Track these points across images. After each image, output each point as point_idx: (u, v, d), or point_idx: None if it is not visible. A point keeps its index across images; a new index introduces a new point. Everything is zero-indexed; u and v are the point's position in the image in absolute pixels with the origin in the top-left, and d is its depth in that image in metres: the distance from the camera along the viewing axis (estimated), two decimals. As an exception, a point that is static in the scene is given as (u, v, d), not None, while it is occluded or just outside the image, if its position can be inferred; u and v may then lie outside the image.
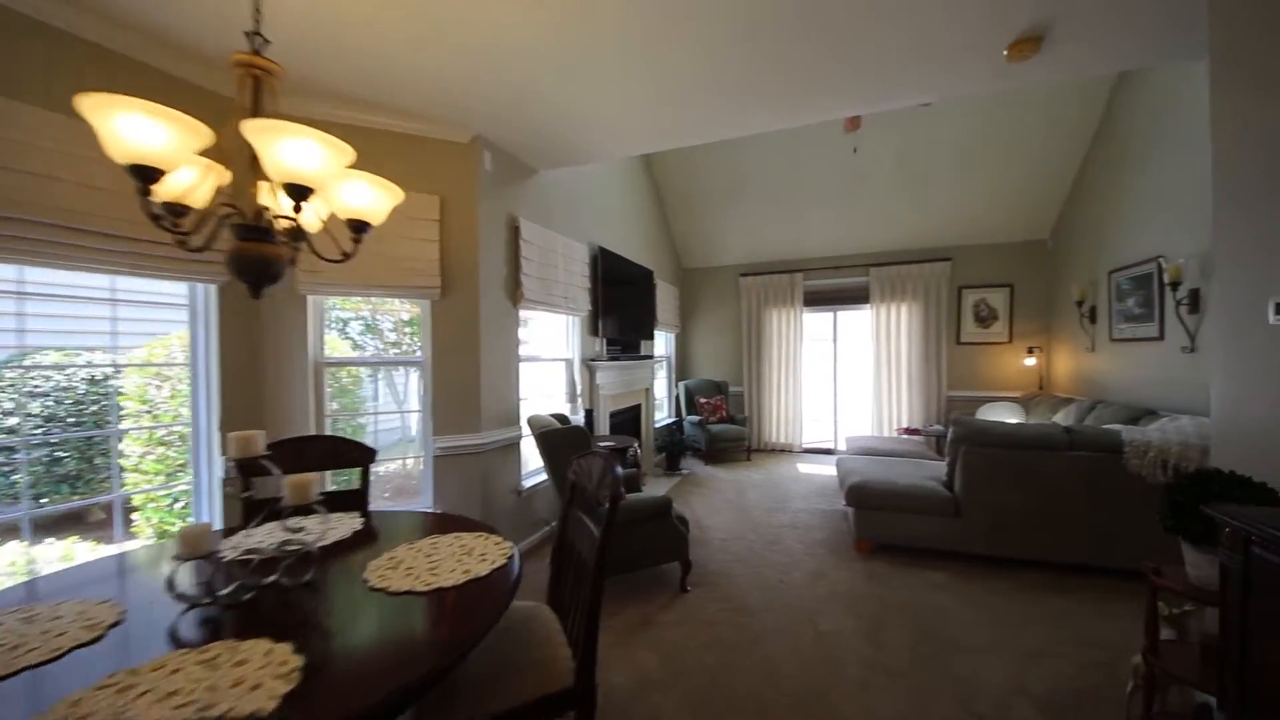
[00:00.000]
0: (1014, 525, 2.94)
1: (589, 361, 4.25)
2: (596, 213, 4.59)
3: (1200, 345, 3.21)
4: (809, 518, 3.93)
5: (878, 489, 3.21)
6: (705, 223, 6.36)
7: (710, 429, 5.86)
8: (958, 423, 3.12)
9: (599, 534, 1.52)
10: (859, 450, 4.62)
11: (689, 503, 4.35)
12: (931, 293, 5.91)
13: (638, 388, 5.22)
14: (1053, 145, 4.76)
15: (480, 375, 2.98)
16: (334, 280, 2.70)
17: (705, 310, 7.01)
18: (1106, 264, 4.35)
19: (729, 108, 2.79)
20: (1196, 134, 3.25)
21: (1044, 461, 2.89)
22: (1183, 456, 2.62)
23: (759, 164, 5.51)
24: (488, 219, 3.08)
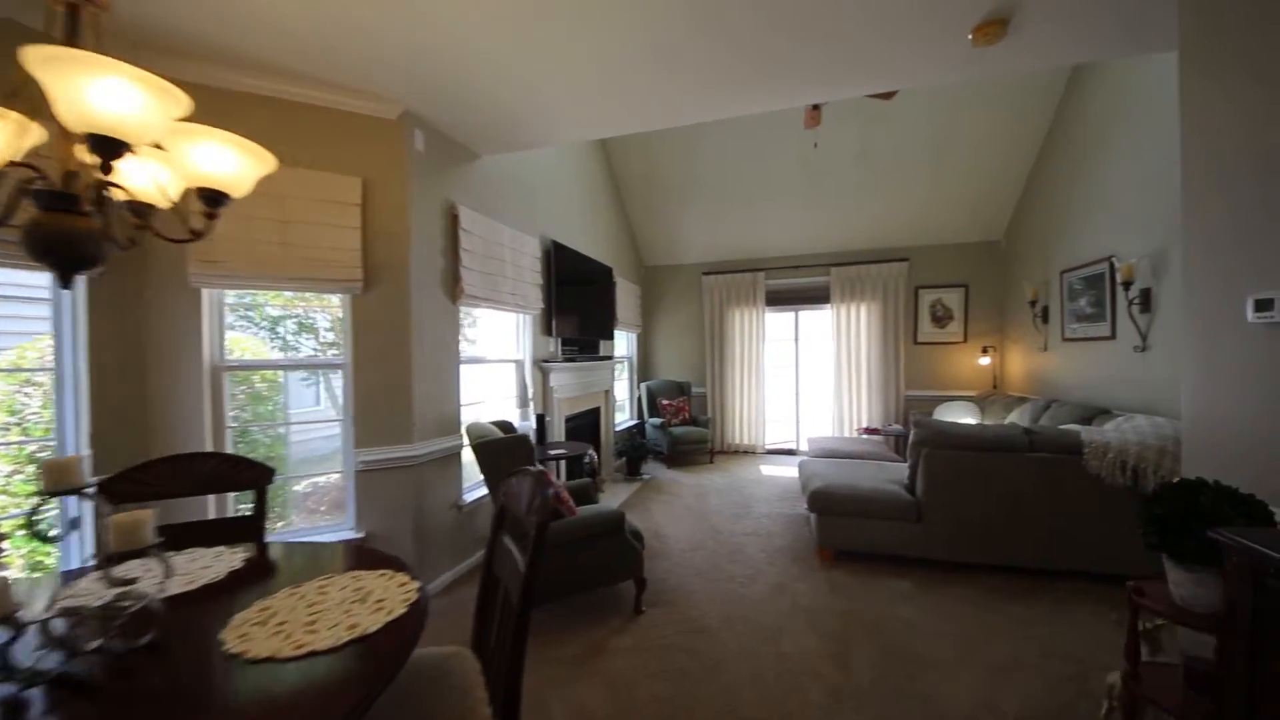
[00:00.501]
0: (975, 529, 2.86)
1: (542, 363, 3.98)
2: (551, 205, 4.32)
3: (1152, 344, 3.24)
4: (771, 524, 3.78)
5: (840, 494, 3.08)
6: (667, 219, 6.18)
7: (672, 431, 5.68)
8: (919, 425, 3.03)
9: (524, 566, 1.29)
10: (821, 452, 4.52)
11: (649, 510, 4.15)
12: (890, 293, 5.91)
13: (596, 390, 4.98)
14: (1007, 146, 4.80)
15: (412, 379, 2.68)
16: (233, 271, 2.35)
17: (668, 309, 6.84)
18: (1059, 264, 4.41)
19: (682, 90, 2.59)
20: (1146, 134, 3.28)
21: (1005, 464, 2.82)
22: (1141, 457, 2.59)
23: (720, 159, 5.36)
24: (420, 205, 2.77)
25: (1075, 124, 4.15)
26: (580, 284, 4.64)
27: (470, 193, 3.19)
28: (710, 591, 2.75)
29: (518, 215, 3.74)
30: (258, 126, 2.43)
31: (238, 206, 2.48)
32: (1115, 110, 3.61)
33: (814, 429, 6.43)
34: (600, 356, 5.01)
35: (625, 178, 5.81)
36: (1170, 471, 2.54)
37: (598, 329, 5.02)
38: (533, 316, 3.87)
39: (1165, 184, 3.10)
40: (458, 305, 3.04)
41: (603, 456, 5.14)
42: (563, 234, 4.43)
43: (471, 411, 3.48)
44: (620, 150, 5.51)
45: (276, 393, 3.53)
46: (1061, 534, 2.75)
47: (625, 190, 5.95)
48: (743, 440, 6.45)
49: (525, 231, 3.76)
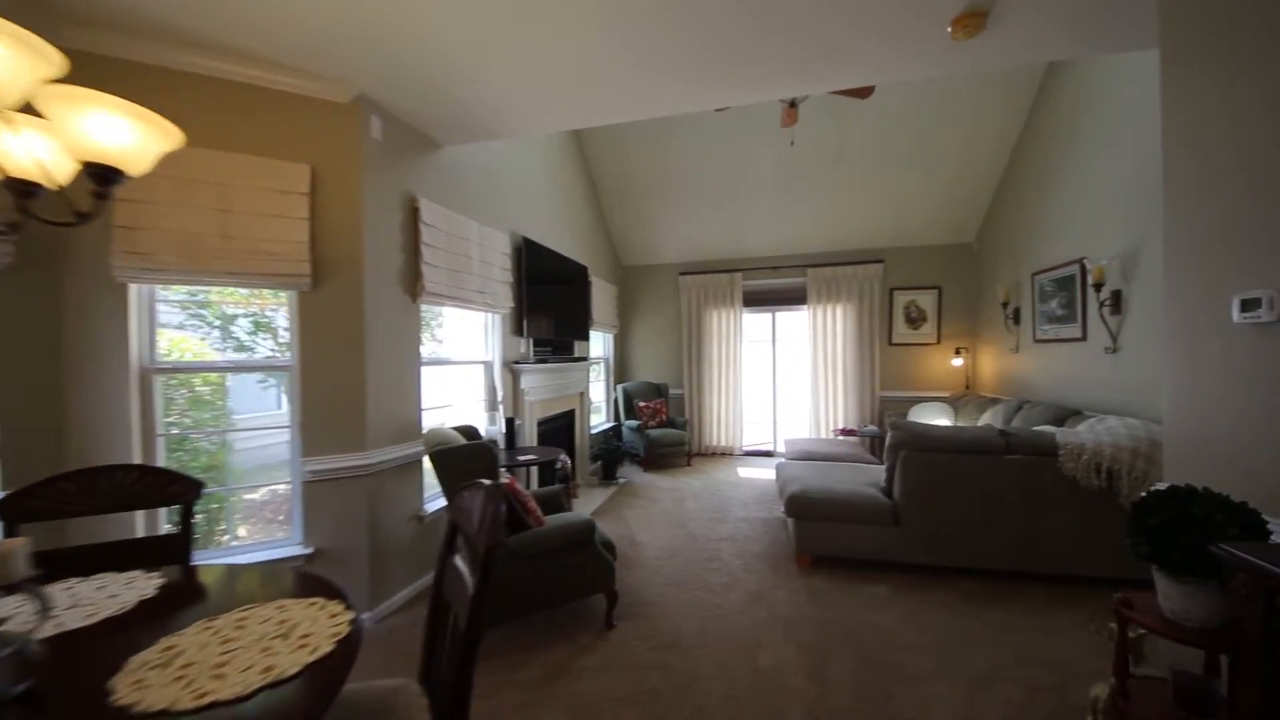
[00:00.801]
0: (952, 533, 2.82)
1: (512, 364, 3.82)
2: (522, 201, 4.17)
3: (1122, 345, 3.26)
4: (748, 528, 3.70)
5: (817, 498, 3.01)
6: (644, 218, 6.07)
7: (649, 434, 5.57)
8: (896, 427, 2.98)
9: (472, 591, 1.16)
10: (798, 454, 4.47)
11: (624, 517, 4.02)
12: (865, 294, 5.92)
13: (571, 392, 4.84)
14: (979, 150, 4.84)
15: (366, 382, 2.50)
16: (164, 264, 2.15)
17: (645, 310, 6.73)
18: (1030, 266, 4.45)
19: (653, 81, 2.48)
20: (1117, 137, 3.31)
21: (981, 466, 2.79)
22: (1115, 459, 2.58)
23: (697, 158, 5.28)
24: (377, 196, 2.60)
25: (1046, 127, 4.20)
26: (554, 283, 4.50)
27: (433, 184, 3.02)
28: (685, 602, 2.64)
29: (486, 210, 3.57)
30: (197, 108, 2.23)
31: (172, 194, 2.28)
32: (1086, 113, 3.65)
33: (791, 430, 6.40)
34: (575, 358, 4.87)
35: (601, 175, 5.68)
36: (1144, 474, 2.54)
37: (572, 329, 4.87)
38: (502, 316, 3.71)
39: (1136, 186, 3.13)
40: (419, 303, 2.86)
41: (577, 461, 5.00)
42: (535, 230, 4.28)
43: (436, 416, 3.31)
44: (595, 146, 5.38)
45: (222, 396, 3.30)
46: (1038, 537, 2.72)
47: (601, 188, 5.82)
48: (720, 442, 6.38)
49: (494, 227, 3.61)
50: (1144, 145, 3.05)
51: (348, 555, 2.50)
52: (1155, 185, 3.02)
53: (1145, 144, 3.04)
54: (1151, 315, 3.02)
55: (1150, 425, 2.68)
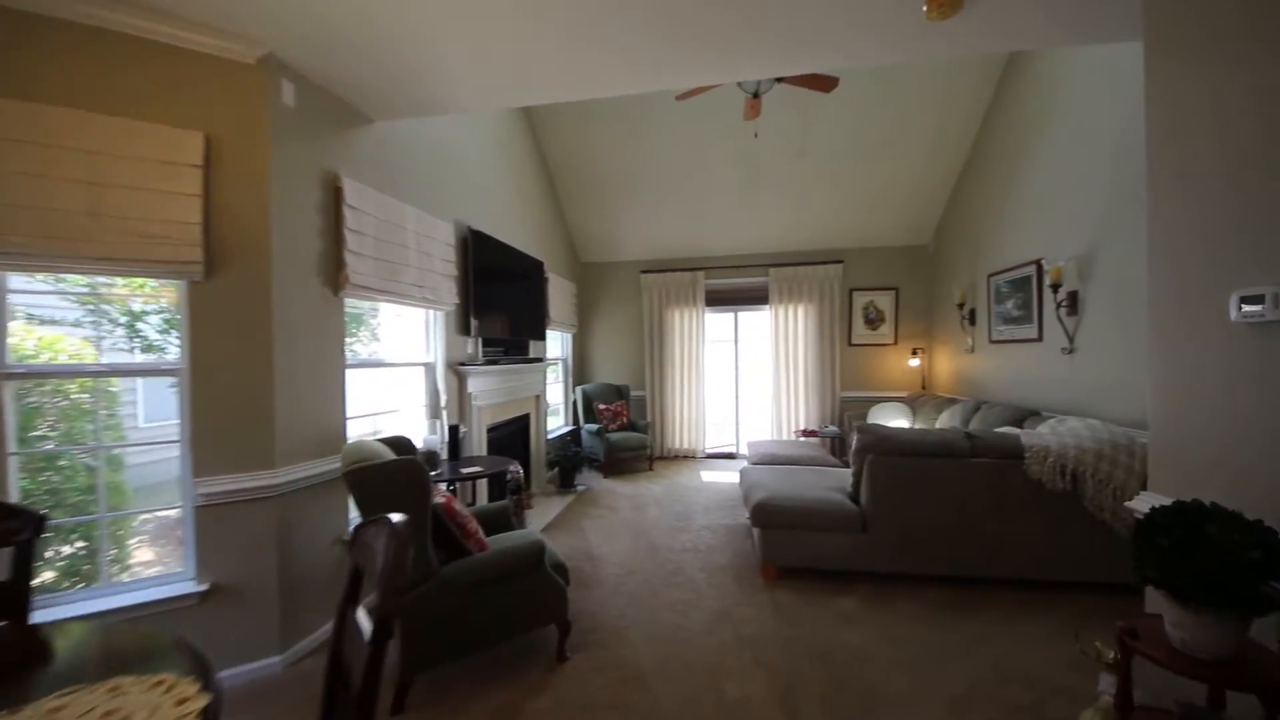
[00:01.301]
0: (920, 539, 2.74)
1: (458, 366, 3.50)
2: (471, 189, 3.85)
3: (1079, 346, 3.28)
4: (712, 537, 3.53)
5: (784, 506, 2.86)
6: (603, 213, 5.83)
7: (610, 438, 5.33)
8: (863, 430, 2.87)
9: (366, 657, 0.90)
10: (761, 457, 4.35)
11: (582, 528, 3.77)
12: (825, 294, 5.90)
13: (525, 395, 4.54)
14: (934, 152, 4.87)
15: (275, 388, 2.15)
16: (18, 247, 1.75)
17: (605, 309, 6.49)
18: (985, 267, 4.50)
19: (607, 59, 2.26)
20: (1074, 138, 3.33)
21: (948, 469, 2.71)
22: (1080, 461, 2.55)
23: (658, 151, 5.08)
24: (289, 173, 2.25)
25: (1002, 130, 4.24)
26: (506, 279, 4.19)
27: (361, 163, 2.68)
28: (646, 625, 2.42)
29: (428, 196, 3.24)
30: (61, 59, 1.84)
31: (26, 163, 1.87)
32: (1042, 117, 3.68)
33: (753, 432, 6.32)
34: (529, 359, 4.57)
35: (558, 166, 5.40)
36: (1107, 475, 2.51)
37: (527, 328, 4.58)
38: (445, 314, 3.38)
39: (1093, 188, 3.14)
40: (343, 297, 2.52)
41: (533, 468, 4.70)
42: (484, 221, 3.96)
43: (369, 425, 2.96)
44: (552, 136, 5.09)
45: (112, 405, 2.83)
46: (1005, 542, 2.67)
47: (559, 181, 5.54)
48: (683, 445, 6.22)
49: (437, 215, 3.28)
50: (1101, 148, 3.07)
51: (253, 590, 2.14)
52: (1113, 186, 3.05)
53: (1102, 147, 3.06)
54: (1108, 316, 3.03)
55: (1111, 427, 2.67)
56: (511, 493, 3.57)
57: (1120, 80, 2.91)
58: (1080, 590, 2.65)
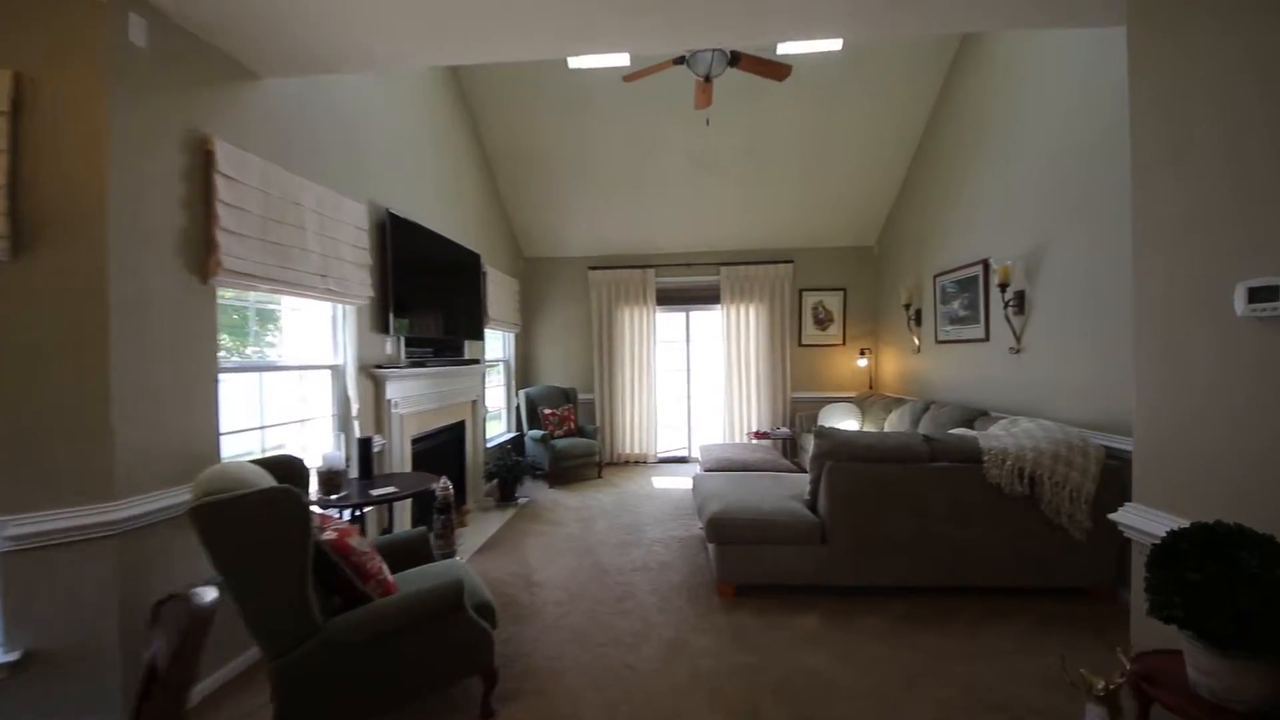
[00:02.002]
0: (880, 550, 2.60)
1: (374, 369, 3.06)
2: (394, 170, 3.41)
3: (1026, 346, 3.28)
4: (664, 552, 3.28)
5: (740, 520, 2.65)
6: (548, 206, 5.47)
7: (555, 445, 4.98)
8: (821, 435, 2.71)
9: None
10: (714, 462, 4.15)
11: (521, 548, 3.41)
12: (776, 294, 5.82)
13: (459, 400, 4.12)
14: (880, 152, 4.85)
15: (111, 397, 1.69)
16: None
17: (551, 307, 6.12)
18: (931, 268, 4.52)
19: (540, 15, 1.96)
20: (1021, 138, 3.33)
21: (908, 475, 2.59)
22: (1037, 464, 2.48)
23: (607, 145, 4.80)
24: (139, 129, 1.79)
25: (947, 130, 4.26)
26: (436, 271, 3.77)
27: (244, 127, 2.22)
28: (590, 666, 2.12)
29: (335, 172, 2.80)
30: None
31: None
32: (988, 115, 3.69)
33: (706, 435, 6.15)
34: (465, 360, 4.16)
35: (499, 156, 4.99)
36: (1064, 478, 2.46)
37: (462, 327, 4.17)
38: (357, 308, 2.95)
39: (1041, 187, 3.14)
40: (214, 285, 2.07)
41: (469, 481, 4.29)
42: (409, 206, 3.53)
43: (259, 441, 2.49)
44: (492, 123, 4.68)
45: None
46: (965, 549, 2.57)
47: (500, 170, 5.13)
48: (633, 450, 5.95)
49: (346, 194, 2.84)
50: (1049, 146, 3.06)
51: (88, 656, 1.68)
52: (1061, 185, 3.00)
53: (1050, 145, 3.05)
54: (1055, 315, 3.03)
55: (1065, 427, 2.64)
56: (439, 512, 3.18)
57: (1069, 78, 2.91)
58: (1039, 596, 2.59)
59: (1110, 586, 2.57)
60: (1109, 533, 2.53)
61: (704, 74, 3.35)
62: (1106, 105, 2.64)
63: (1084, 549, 2.51)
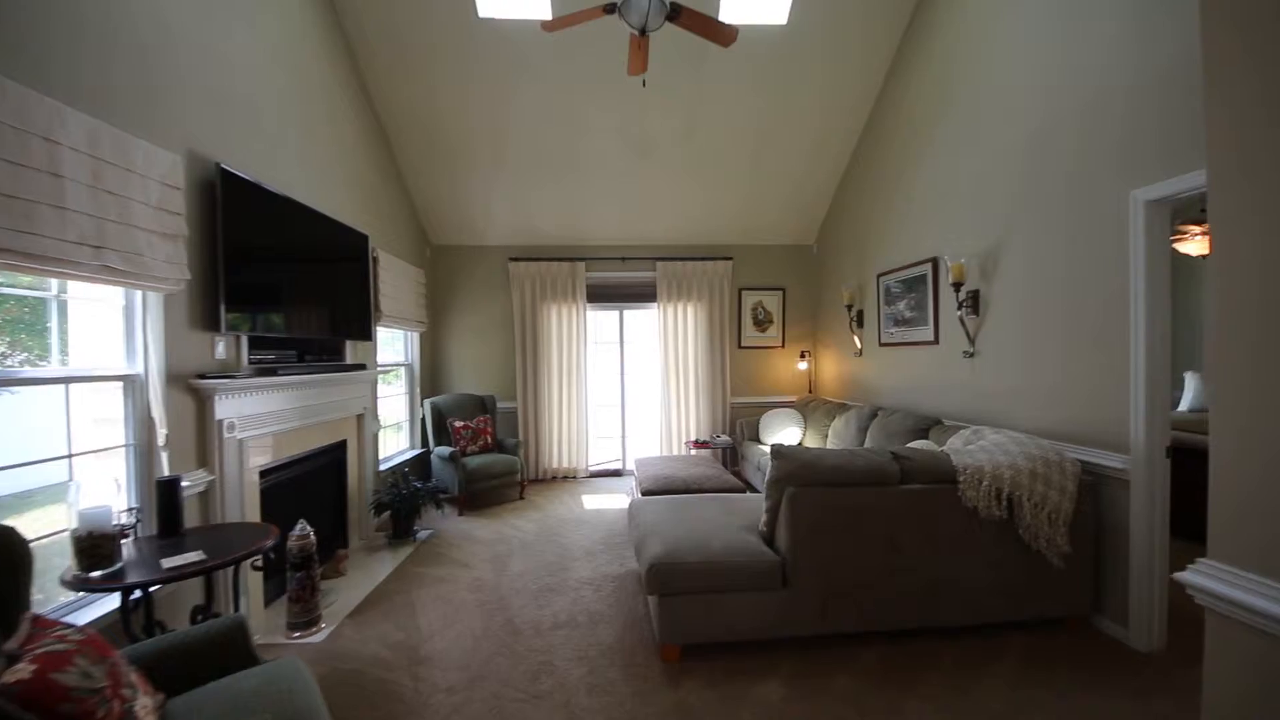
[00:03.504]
0: (848, 589, 2.21)
1: (197, 380, 2.25)
2: (239, 119, 2.58)
3: (980, 350, 3.07)
4: (594, 598, 2.71)
5: (687, 565, 2.15)
6: (461, 187, 4.72)
7: (467, 463, 4.25)
8: (781, 456, 2.28)
9: None
10: (652, 481, 3.65)
11: (410, 606, 2.70)
12: (716, 293, 5.45)
13: (338, 416, 3.32)
14: (819, 146, 4.60)
15: None
16: None
17: (466, 303, 5.35)
18: (875, 267, 4.31)
19: None
20: (974, 129, 3.10)
21: (879, 501, 2.22)
22: (1015, 484, 2.19)
23: (528, 114, 4.15)
24: None
25: (891, 122, 4.04)
26: (304, 254, 2.97)
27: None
28: (487, 793, 1.52)
29: (125, 102, 1.98)
30: None
31: None
32: (938, 104, 3.47)
33: (642, 445, 5.66)
34: (345, 365, 3.36)
35: (398, 124, 4.16)
36: (1042, 497, 2.19)
37: (344, 324, 3.37)
38: (164, 296, 2.13)
39: (998, 178, 2.93)
40: None
41: (353, 516, 3.48)
42: (264, 170, 2.71)
43: None
44: (387, 84, 3.86)
45: None
46: (940, 584, 2.24)
47: (399, 141, 4.30)
48: (562, 464, 5.33)
49: (145, 136, 2.02)
50: (1008, 135, 2.85)
51: None
52: (1021, 176, 2.66)
53: (1010, 133, 2.83)
54: (1013, 317, 2.82)
55: (1038, 440, 2.38)
56: (294, 569, 2.41)
57: (1031, 60, 2.69)
58: (1012, 630, 2.32)
59: (1085, 615, 2.35)
60: (1086, 557, 2.33)
61: (639, 27, 2.83)
62: (1071, 86, 2.44)
63: (1060, 576, 2.26)
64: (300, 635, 2.42)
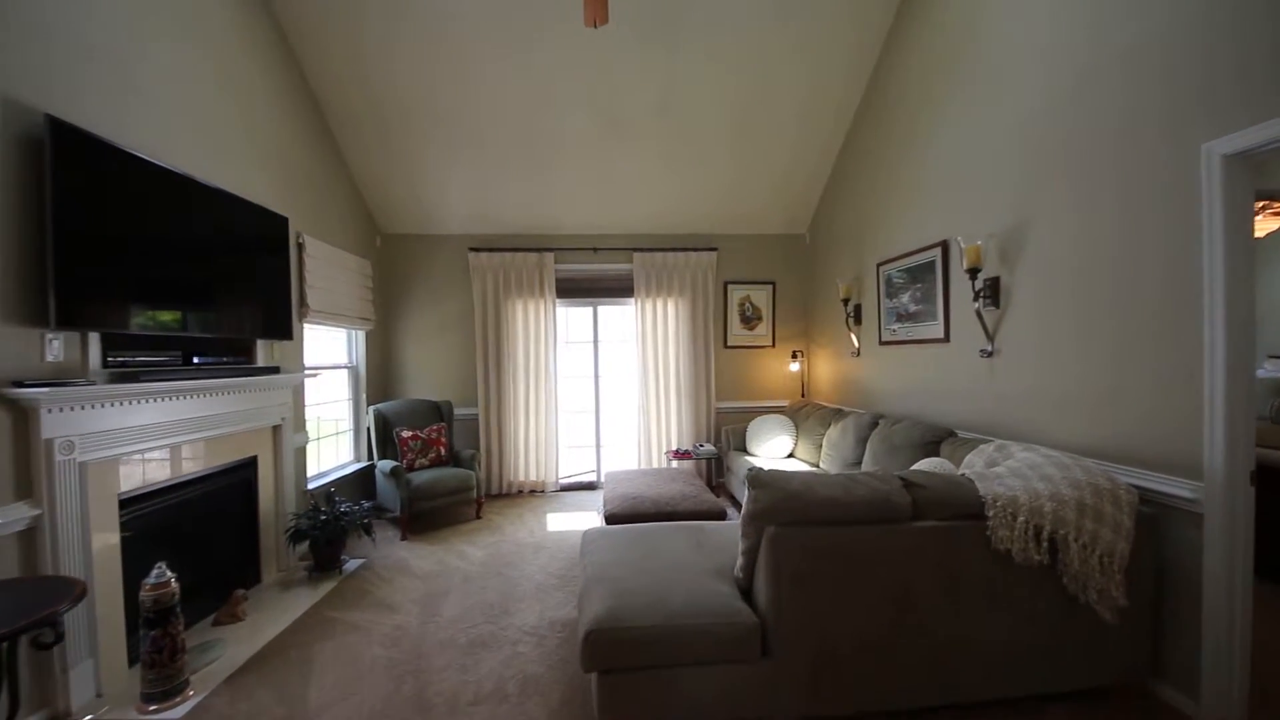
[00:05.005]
0: (845, 658, 1.72)
1: (14, 388, 1.74)
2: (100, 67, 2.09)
3: (1001, 348, 2.59)
4: (535, 654, 2.22)
5: (639, 632, 1.66)
6: (413, 168, 4.22)
7: (411, 479, 3.75)
8: (759, 484, 1.79)
9: None
10: (619, 502, 3.16)
11: (308, 664, 2.19)
12: (699, 287, 4.97)
13: (245, 428, 2.82)
14: (810, 128, 4.13)
15: None
16: None
17: (420, 297, 4.85)
18: (875, 255, 3.83)
19: None
20: (993, 89, 2.62)
21: (884, 541, 1.74)
22: (1059, 519, 1.71)
23: (483, 85, 3.66)
24: None
25: (894, 89, 3.57)
26: (193, 239, 2.48)
27: None
28: None
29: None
30: None
31: None
32: (946, 66, 3.00)
33: (618, 454, 5.17)
34: (250, 369, 2.86)
35: (333, 96, 3.63)
36: (1092, 536, 1.71)
37: (252, 321, 2.87)
38: (-57, 280, 1.63)
39: (1021, 144, 2.45)
40: None
41: (265, 546, 2.97)
42: (136, 132, 2.21)
43: None
44: (321, 50, 3.34)
45: None
46: (961, 647, 1.76)
47: (336, 116, 3.77)
48: (529, 476, 4.83)
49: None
50: (1031, 93, 2.38)
51: None
52: (1048, 141, 2.17)
53: (1033, 91, 2.36)
54: (1042, 308, 2.35)
55: (1081, 460, 1.91)
56: (148, 626, 1.91)
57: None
58: (1049, 702, 1.84)
59: (1142, 682, 1.88)
60: (1143, 608, 1.85)
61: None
62: (1117, 21, 1.97)
63: (1111, 634, 1.79)
64: (157, 708, 1.92)
